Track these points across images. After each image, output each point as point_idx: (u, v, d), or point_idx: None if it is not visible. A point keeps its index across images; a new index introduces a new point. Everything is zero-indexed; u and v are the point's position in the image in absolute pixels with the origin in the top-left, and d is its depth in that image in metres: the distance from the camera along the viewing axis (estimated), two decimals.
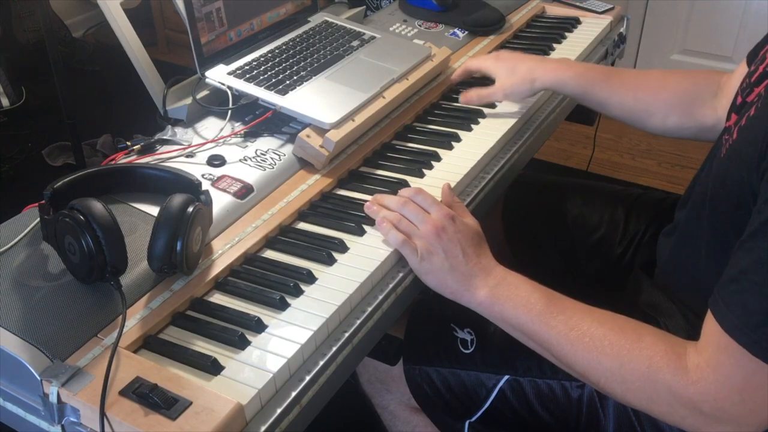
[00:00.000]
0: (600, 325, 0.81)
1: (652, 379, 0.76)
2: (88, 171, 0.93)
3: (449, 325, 1.04)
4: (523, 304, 0.86)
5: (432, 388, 1.04)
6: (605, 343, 0.80)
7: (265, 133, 1.09)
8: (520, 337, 0.88)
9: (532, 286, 0.88)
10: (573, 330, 0.82)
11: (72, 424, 0.71)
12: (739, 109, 0.87)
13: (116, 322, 0.78)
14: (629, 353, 0.78)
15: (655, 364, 0.76)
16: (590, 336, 0.81)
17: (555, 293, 0.87)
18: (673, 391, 0.75)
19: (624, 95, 1.15)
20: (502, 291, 0.88)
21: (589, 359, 0.81)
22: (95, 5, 1.16)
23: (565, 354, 0.83)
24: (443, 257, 0.89)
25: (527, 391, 0.98)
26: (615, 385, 0.80)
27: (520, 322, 0.86)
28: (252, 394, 0.71)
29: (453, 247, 0.89)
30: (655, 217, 1.20)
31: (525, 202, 1.31)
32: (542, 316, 0.84)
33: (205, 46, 1.12)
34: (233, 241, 0.91)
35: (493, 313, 0.88)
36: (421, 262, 0.89)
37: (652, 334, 0.79)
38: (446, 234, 0.90)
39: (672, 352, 0.76)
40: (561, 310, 0.84)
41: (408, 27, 1.48)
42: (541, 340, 0.85)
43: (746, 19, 2.48)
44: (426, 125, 1.20)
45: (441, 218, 0.91)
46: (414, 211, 0.92)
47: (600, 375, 0.80)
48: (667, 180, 2.43)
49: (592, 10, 1.60)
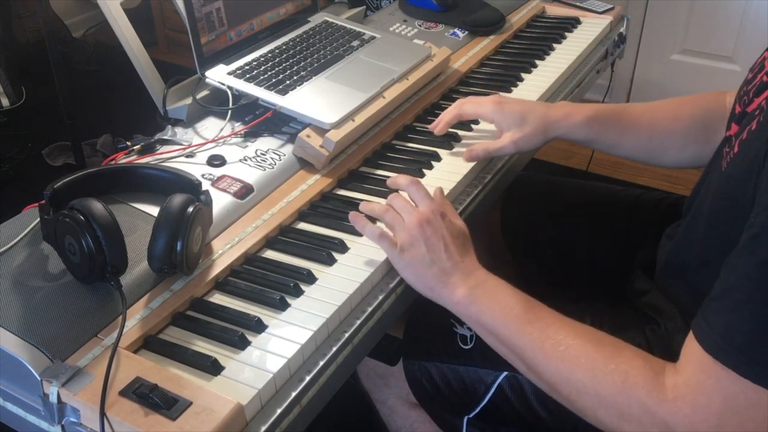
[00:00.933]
0: (576, 337, 0.79)
1: (626, 395, 0.73)
2: (88, 171, 0.93)
3: (449, 320, 1.04)
4: (500, 308, 0.84)
5: (431, 383, 1.04)
6: (580, 354, 0.77)
7: (265, 133, 1.09)
8: (493, 342, 0.86)
9: (512, 291, 0.85)
10: (548, 339, 0.79)
11: (72, 424, 0.71)
12: (739, 119, 0.86)
13: (116, 322, 0.78)
14: (604, 366, 0.75)
15: (630, 379, 0.73)
16: (565, 346, 0.78)
17: (534, 301, 0.85)
18: (647, 409, 0.72)
19: (638, 135, 1.10)
20: (481, 293, 0.86)
21: (562, 370, 0.78)
22: (95, 5, 1.16)
23: (537, 363, 0.80)
24: (424, 250, 0.87)
25: (526, 388, 0.98)
26: (586, 399, 0.76)
27: (495, 325, 0.84)
28: (252, 395, 0.71)
29: (436, 241, 0.87)
30: (656, 218, 1.20)
31: (525, 202, 1.31)
32: (518, 321, 0.82)
33: (205, 46, 1.12)
34: (233, 241, 0.91)
35: (470, 313, 0.86)
36: (401, 254, 0.87)
37: (630, 350, 0.77)
38: (431, 227, 0.88)
39: (650, 369, 0.73)
40: (538, 318, 0.82)
41: (408, 27, 1.48)
42: (514, 346, 0.83)
43: (746, 19, 2.48)
44: (426, 125, 1.20)
45: (428, 211, 0.89)
46: (402, 203, 0.91)
47: (572, 388, 0.77)
48: (666, 180, 2.43)
49: (592, 10, 1.60)
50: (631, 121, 1.11)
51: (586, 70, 1.43)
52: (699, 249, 0.87)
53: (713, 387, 0.68)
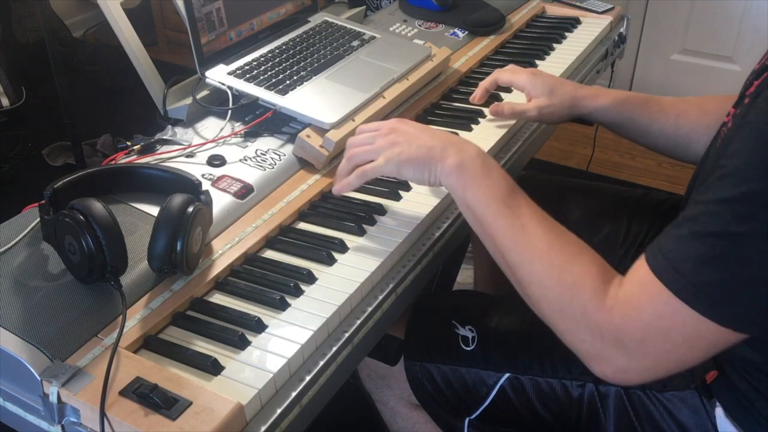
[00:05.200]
0: (548, 231, 0.82)
1: (571, 294, 0.77)
2: (88, 171, 0.93)
3: (451, 321, 1.04)
4: (486, 186, 0.86)
5: (432, 384, 1.04)
6: (544, 247, 0.81)
7: (265, 133, 1.09)
8: (471, 218, 0.88)
9: (501, 173, 0.88)
10: (519, 225, 0.83)
11: (72, 424, 0.71)
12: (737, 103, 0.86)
13: (116, 322, 0.78)
14: (562, 264, 0.79)
15: (579, 281, 0.77)
16: (534, 236, 0.82)
17: (520, 190, 0.87)
18: (585, 311, 0.76)
19: (665, 123, 1.11)
20: (473, 166, 0.87)
21: (524, 256, 0.81)
22: (95, 5, 1.16)
23: (504, 245, 0.83)
24: (407, 143, 0.90)
25: (528, 390, 0.98)
26: (535, 289, 0.81)
27: (478, 203, 0.86)
28: (252, 395, 0.71)
29: (413, 132, 0.91)
30: (658, 219, 1.19)
31: None
32: (498, 202, 0.85)
33: (205, 46, 1.12)
34: (233, 241, 0.91)
35: (458, 185, 0.87)
36: (389, 161, 0.90)
37: (590, 256, 0.80)
38: (401, 129, 0.92)
39: (600, 278, 0.77)
40: (517, 204, 0.85)
41: (408, 27, 1.48)
42: (488, 226, 0.85)
43: (746, 19, 2.48)
44: (426, 125, 1.20)
45: (390, 123, 0.93)
46: (363, 138, 0.94)
47: (525, 273, 0.81)
48: (667, 180, 2.43)
49: (592, 10, 1.60)
50: (660, 109, 1.12)
51: (586, 70, 1.43)
52: None
53: (646, 303, 0.72)
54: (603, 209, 1.25)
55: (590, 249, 0.82)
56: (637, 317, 0.73)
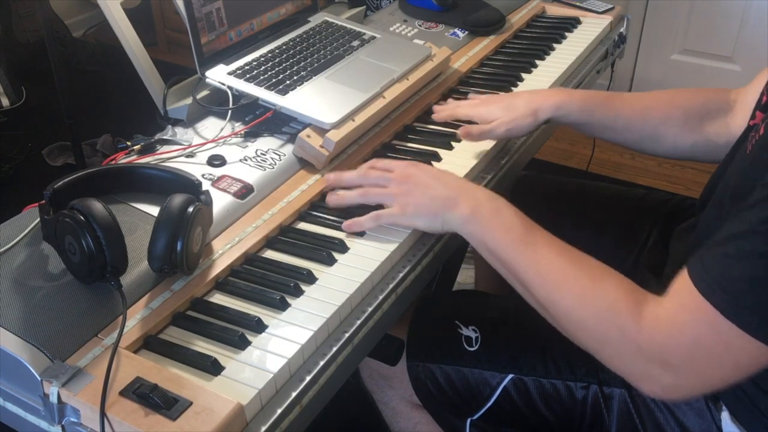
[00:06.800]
0: (570, 263, 0.82)
1: (608, 320, 0.77)
2: (88, 171, 0.93)
3: (454, 322, 1.04)
4: (501, 228, 0.87)
5: (435, 385, 1.04)
6: (570, 279, 0.81)
7: (265, 133, 1.09)
8: (494, 262, 0.88)
9: (514, 212, 0.88)
10: (543, 261, 0.83)
11: (72, 424, 0.71)
12: (765, 107, 0.86)
13: (116, 322, 0.78)
14: (591, 292, 0.79)
15: (613, 305, 0.77)
16: (557, 270, 0.82)
17: (534, 224, 0.88)
18: (625, 334, 0.75)
19: (631, 117, 1.11)
20: (485, 211, 0.88)
21: (552, 293, 0.82)
22: (95, 5, 1.16)
23: (531, 284, 0.83)
24: (421, 194, 0.90)
25: (531, 391, 0.98)
26: (572, 322, 0.80)
27: (497, 245, 0.86)
28: (252, 395, 0.71)
29: (425, 180, 0.91)
30: (660, 219, 1.19)
31: (525, 202, 1.31)
32: (517, 242, 0.85)
33: (205, 46, 1.12)
34: (233, 241, 0.91)
35: (475, 232, 0.88)
36: (404, 212, 0.91)
37: (617, 278, 0.80)
38: (415, 177, 0.92)
39: (632, 299, 0.77)
40: (535, 240, 0.85)
41: (408, 27, 1.48)
42: (511, 267, 0.85)
43: (746, 19, 2.48)
44: (426, 125, 1.20)
45: (403, 169, 0.93)
46: (377, 176, 0.94)
47: (560, 310, 0.81)
48: (667, 180, 2.43)
49: (592, 10, 1.60)
50: (624, 104, 1.12)
51: (586, 70, 1.43)
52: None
53: (691, 322, 0.72)
54: (603, 209, 1.25)
55: (614, 271, 0.82)
56: (681, 336, 0.72)
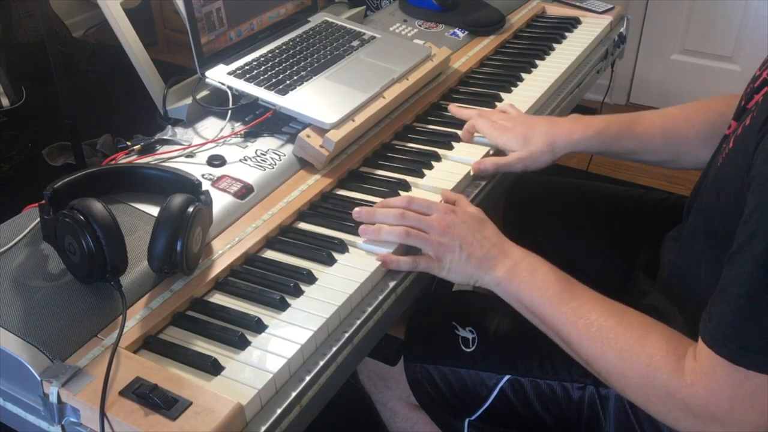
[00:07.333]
0: (609, 317, 0.82)
1: (650, 377, 0.77)
2: (88, 171, 0.93)
3: (451, 323, 1.04)
4: (538, 287, 0.87)
5: (432, 385, 1.04)
6: (611, 336, 0.81)
7: (265, 133, 1.09)
8: (533, 319, 0.88)
9: (549, 269, 0.89)
10: (582, 318, 0.83)
11: (72, 424, 0.71)
12: (738, 116, 0.86)
13: (116, 322, 0.78)
14: (632, 349, 0.79)
15: (654, 363, 0.77)
16: (598, 326, 0.82)
17: (571, 279, 0.88)
18: (669, 392, 0.76)
19: (652, 142, 1.11)
20: (520, 271, 0.89)
21: (594, 349, 0.82)
22: (95, 5, 1.16)
23: (571, 340, 0.84)
24: (459, 251, 0.90)
25: (528, 391, 0.98)
26: (615, 379, 0.81)
27: (534, 304, 0.87)
28: (252, 395, 0.71)
29: (464, 237, 0.90)
30: (657, 218, 1.19)
31: (525, 202, 1.31)
32: (555, 300, 0.85)
33: (205, 46, 1.12)
34: (233, 241, 0.91)
35: (511, 292, 0.89)
36: (440, 264, 0.90)
37: (657, 333, 0.80)
38: (454, 229, 0.91)
39: (673, 354, 0.77)
40: (574, 297, 0.85)
41: (408, 27, 1.48)
42: (551, 324, 0.86)
43: (746, 19, 2.48)
44: (426, 125, 1.20)
45: (443, 215, 0.92)
46: (415, 219, 0.92)
47: (602, 366, 0.82)
48: (667, 180, 2.43)
49: (592, 10, 1.60)
50: (644, 130, 1.11)
51: (586, 70, 1.43)
52: (701, 248, 0.87)
53: (722, 374, 0.72)
54: (603, 209, 1.25)
55: (656, 323, 0.82)
56: (719, 389, 0.72)
